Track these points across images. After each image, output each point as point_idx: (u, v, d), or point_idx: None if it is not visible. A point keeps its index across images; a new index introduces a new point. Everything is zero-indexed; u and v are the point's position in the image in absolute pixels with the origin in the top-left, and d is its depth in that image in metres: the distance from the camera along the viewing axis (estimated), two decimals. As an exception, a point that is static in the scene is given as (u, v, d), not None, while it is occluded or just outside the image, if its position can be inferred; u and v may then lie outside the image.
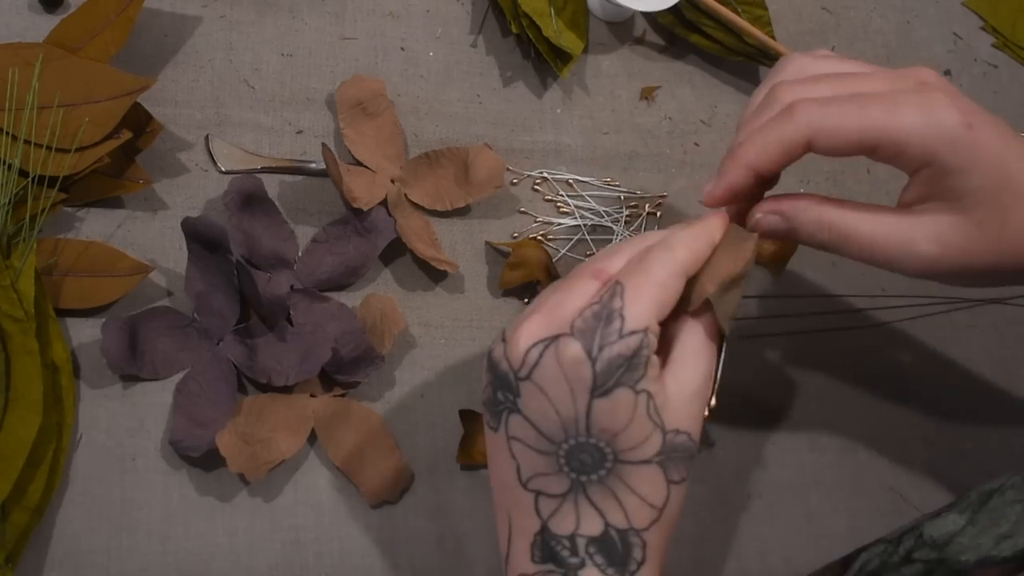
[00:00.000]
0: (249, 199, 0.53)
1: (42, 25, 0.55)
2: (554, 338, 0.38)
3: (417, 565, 0.51)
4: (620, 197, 0.62)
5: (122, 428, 0.49)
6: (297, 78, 0.59)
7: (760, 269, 0.62)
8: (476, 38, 0.63)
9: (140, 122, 0.53)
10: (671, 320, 0.40)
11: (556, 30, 0.62)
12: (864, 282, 0.64)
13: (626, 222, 0.61)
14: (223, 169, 0.55)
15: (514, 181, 0.60)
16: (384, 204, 0.55)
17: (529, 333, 0.38)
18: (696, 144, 0.65)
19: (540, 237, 0.59)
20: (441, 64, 0.62)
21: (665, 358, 0.40)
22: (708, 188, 0.42)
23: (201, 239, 0.50)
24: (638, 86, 0.65)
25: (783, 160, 0.41)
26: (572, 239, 0.60)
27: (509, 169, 0.60)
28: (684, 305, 0.40)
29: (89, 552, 0.47)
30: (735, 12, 0.66)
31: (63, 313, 0.50)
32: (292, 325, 0.52)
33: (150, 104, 0.54)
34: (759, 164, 0.41)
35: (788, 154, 0.40)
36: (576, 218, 0.60)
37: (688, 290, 0.40)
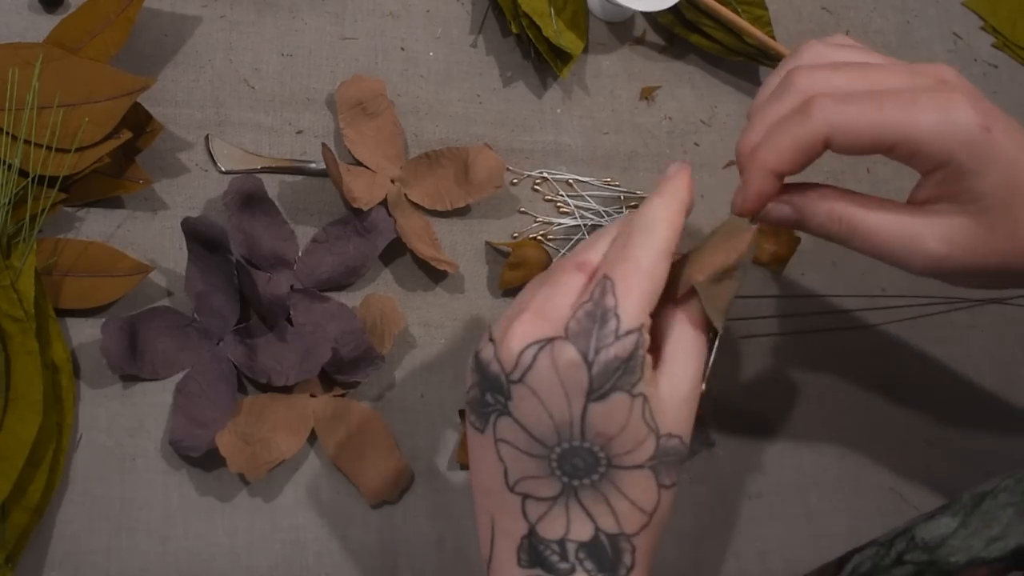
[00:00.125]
0: (249, 199, 0.53)
1: (42, 25, 0.55)
2: (548, 340, 0.37)
3: (417, 565, 0.51)
4: (620, 197, 0.62)
5: (122, 428, 0.49)
6: (297, 78, 0.59)
7: (760, 269, 0.62)
8: (476, 38, 0.63)
9: (140, 122, 0.53)
10: (659, 307, 0.39)
11: (556, 30, 0.62)
12: (864, 282, 0.64)
13: (626, 222, 0.61)
14: (223, 169, 0.55)
15: (514, 181, 0.60)
16: (384, 204, 0.55)
17: (522, 334, 0.37)
18: (696, 144, 0.65)
19: (540, 237, 0.59)
20: (441, 64, 0.62)
21: (656, 352, 0.39)
22: (739, 201, 0.41)
23: (201, 239, 0.50)
24: (638, 86, 0.65)
25: (804, 161, 0.40)
26: (572, 239, 0.60)
27: (509, 169, 0.60)
28: (671, 291, 0.39)
29: (89, 552, 0.47)
30: (735, 12, 0.66)
31: (63, 313, 0.50)
32: (292, 325, 0.52)
33: (150, 104, 0.54)
34: (780, 167, 0.40)
35: (807, 154, 0.40)
36: (576, 218, 0.60)
37: (675, 273, 0.39)
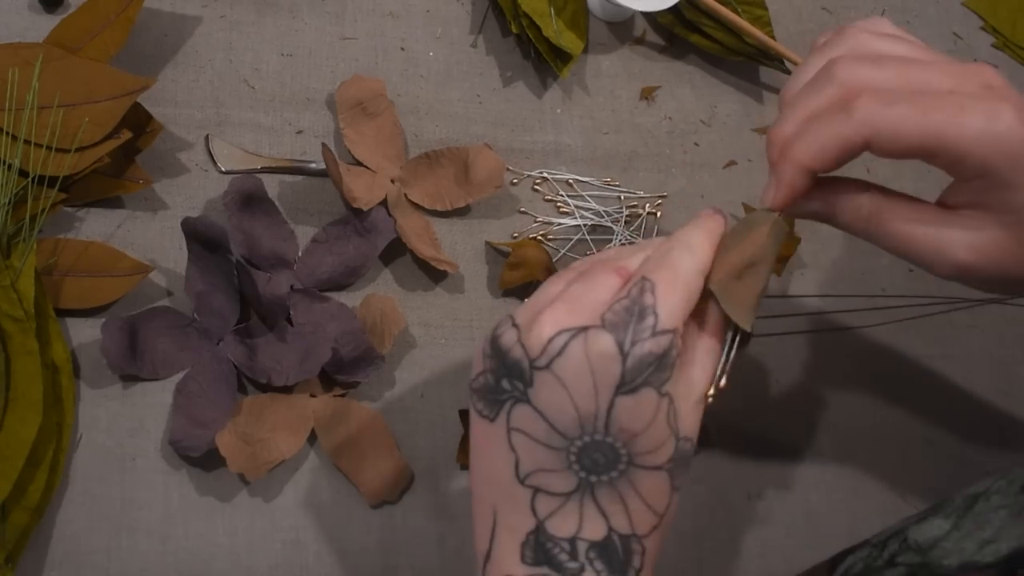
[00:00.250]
0: (249, 199, 0.53)
1: (42, 25, 0.55)
2: (583, 329, 0.36)
3: (417, 565, 0.51)
4: (620, 197, 0.62)
5: (122, 428, 0.49)
6: (297, 78, 0.59)
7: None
8: (476, 38, 0.63)
9: (140, 122, 0.53)
10: None
11: (556, 30, 0.62)
12: (864, 282, 0.64)
13: (626, 222, 0.61)
14: (223, 169, 0.55)
15: (514, 181, 0.60)
16: (384, 204, 0.55)
17: (554, 320, 0.36)
18: (696, 144, 0.65)
19: (540, 237, 0.59)
20: (441, 64, 0.62)
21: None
22: (769, 196, 0.40)
23: (201, 239, 0.50)
24: (638, 86, 0.65)
25: (841, 161, 0.39)
26: (572, 239, 0.60)
27: (509, 169, 0.60)
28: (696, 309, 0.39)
29: (89, 552, 0.47)
30: (735, 12, 0.66)
31: (63, 313, 0.50)
32: (292, 325, 0.52)
33: (150, 104, 0.54)
34: (815, 165, 0.39)
35: (846, 154, 0.38)
36: (576, 218, 0.60)
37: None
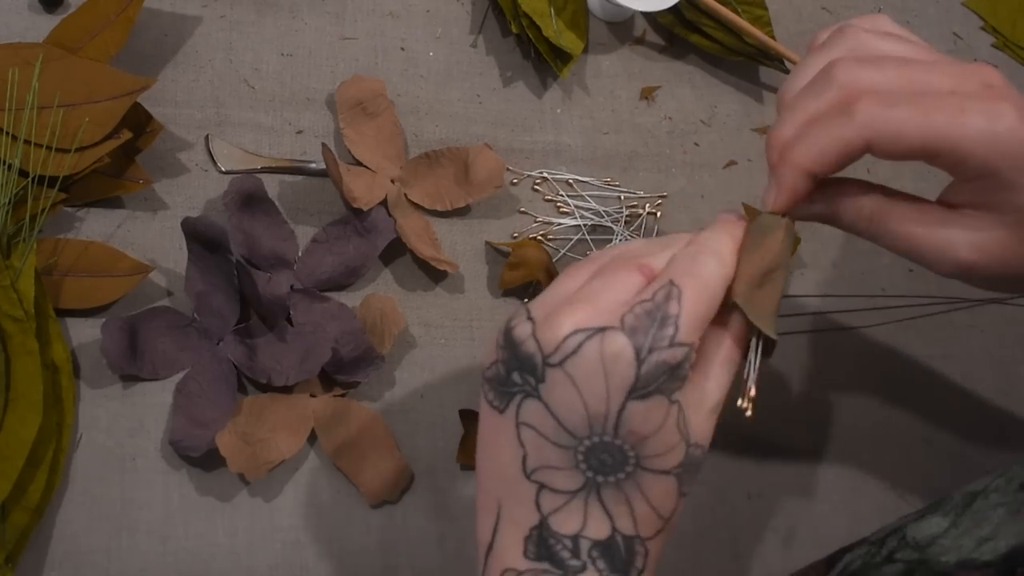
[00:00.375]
0: (249, 199, 0.53)
1: (42, 25, 0.55)
2: (600, 330, 0.36)
3: (417, 565, 0.51)
4: (620, 197, 0.62)
5: (122, 428, 0.49)
6: (297, 78, 0.59)
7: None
8: (476, 38, 0.63)
9: (140, 122, 0.53)
10: None
11: (556, 30, 0.62)
12: (864, 282, 0.64)
13: (626, 222, 0.61)
14: (223, 169, 0.55)
15: (514, 181, 0.60)
16: (384, 204, 0.55)
17: (572, 319, 0.36)
18: (696, 144, 0.65)
19: (540, 237, 0.59)
20: (441, 64, 0.62)
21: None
22: (770, 199, 0.40)
23: (201, 239, 0.50)
24: (638, 86, 0.65)
25: (842, 163, 0.39)
26: (572, 239, 0.60)
27: (509, 169, 0.60)
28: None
29: (89, 552, 0.47)
30: (735, 12, 0.66)
31: (63, 313, 0.50)
32: (292, 325, 0.52)
33: (150, 104, 0.54)
34: (815, 168, 0.39)
35: (846, 157, 0.38)
36: (576, 218, 0.60)
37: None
